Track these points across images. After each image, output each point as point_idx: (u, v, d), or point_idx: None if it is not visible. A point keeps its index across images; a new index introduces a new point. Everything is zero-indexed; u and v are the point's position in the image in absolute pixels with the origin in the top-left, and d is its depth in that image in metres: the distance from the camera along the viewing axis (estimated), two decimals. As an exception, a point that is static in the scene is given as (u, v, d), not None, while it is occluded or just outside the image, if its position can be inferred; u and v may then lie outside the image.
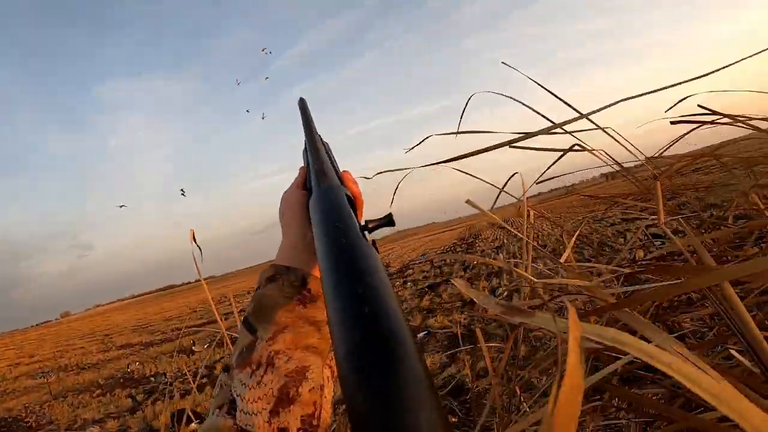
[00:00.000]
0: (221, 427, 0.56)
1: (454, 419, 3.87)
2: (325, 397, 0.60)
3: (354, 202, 0.60)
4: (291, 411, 0.56)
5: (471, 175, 1.58)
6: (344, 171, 0.77)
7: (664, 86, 1.09)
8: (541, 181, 1.74)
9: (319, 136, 0.85)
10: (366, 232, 0.56)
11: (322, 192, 0.59)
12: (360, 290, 0.36)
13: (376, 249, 0.49)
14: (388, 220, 0.59)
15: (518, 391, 4.56)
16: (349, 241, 0.43)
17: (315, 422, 0.57)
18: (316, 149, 0.75)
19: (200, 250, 1.38)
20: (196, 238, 1.39)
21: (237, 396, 0.57)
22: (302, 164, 0.84)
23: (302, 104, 0.94)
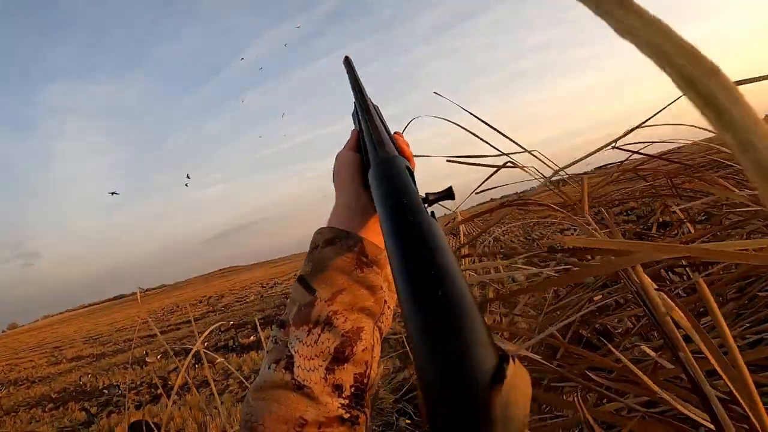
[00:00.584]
0: (278, 381, 0.58)
1: (408, 422, 4.04)
2: (374, 357, 0.63)
3: (412, 172, 0.59)
4: (345, 369, 0.59)
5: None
6: (396, 133, 0.76)
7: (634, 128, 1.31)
8: (481, 191, 1.95)
9: (369, 98, 0.82)
10: (426, 206, 0.52)
11: (382, 164, 0.57)
12: (432, 272, 0.36)
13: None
14: (448, 193, 0.58)
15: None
16: (416, 219, 0.43)
17: (365, 380, 0.60)
18: (369, 113, 0.73)
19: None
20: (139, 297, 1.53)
21: (294, 352, 0.59)
22: (353, 127, 0.82)
23: (348, 63, 0.89)
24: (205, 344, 10.65)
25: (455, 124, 1.74)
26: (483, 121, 1.73)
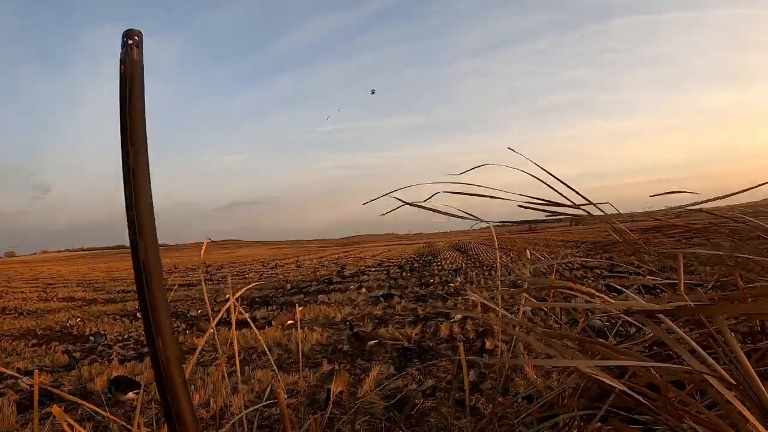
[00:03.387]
0: None
1: (398, 433, 3.90)
2: None
3: None
4: None
5: (455, 217, 1.64)
6: None
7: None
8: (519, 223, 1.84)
9: None
10: None
11: None
12: None
13: None
14: None
15: (463, 415, 4.58)
16: None
17: None
18: None
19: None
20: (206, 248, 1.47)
21: None
22: None
23: None
24: (198, 311, 10.56)
25: (531, 175, 1.63)
26: (552, 175, 1.61)
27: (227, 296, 15.45)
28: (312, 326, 9.84)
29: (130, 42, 1.20)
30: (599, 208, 1.57)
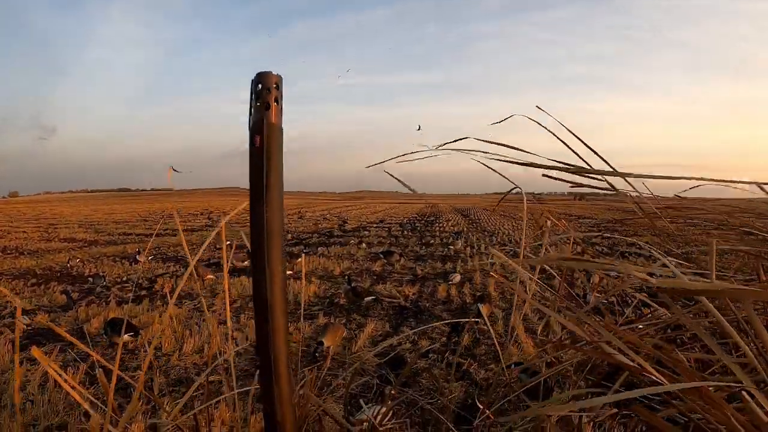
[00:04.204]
0: None
1: (393, 392, 3.90)
2: None
3: None
4: None
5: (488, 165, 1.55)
6: None
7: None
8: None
9: None
10: None
11: None
12: None
13: None
14: None
15: (455, 378, 4.57)
16: None
17: None
18: None
19: (190, 171, 1.33)
20: (174, 169, 1.37)
21: None
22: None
23: None
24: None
25: (556, 137, 1.51)
26: (580, 139, 1.49)
27: (228, 242, 15.55)
28: (310, 278, 9.88)
29: (266, 93, 0.90)
30: (628, 182, 1.47)
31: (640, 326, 1.49)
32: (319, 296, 8.42)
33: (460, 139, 1.53)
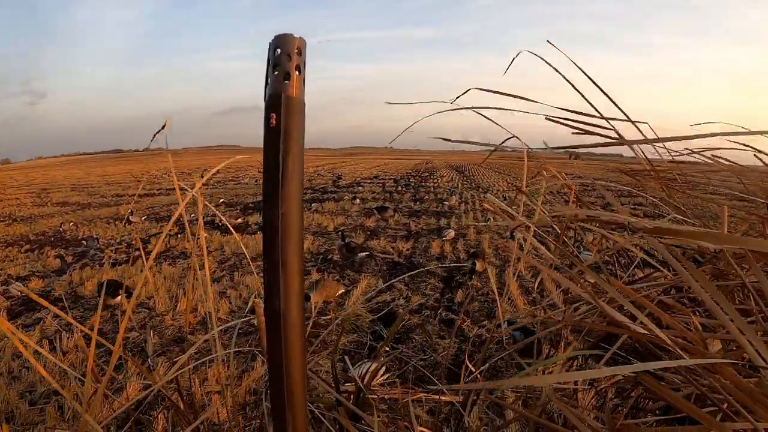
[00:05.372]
0: None
1: (387, 348, 3.93)
2: None
3: None
4: None
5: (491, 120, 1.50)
6: None
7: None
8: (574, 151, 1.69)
9: None
10: None
11: None
12: None
13: None
14: None
15: (447, 332, 4.59)
16: None
17: None
18: None
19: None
20: (167, 126, 1.28)
21: None
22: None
23: None
24: (191, 215, 10.55)
25: (566, 80, 1.43)
26: (594, 82, 1.41)
27: (221, 200, 15.46)
28: (304, 234, 9.87)
29: (286, 60, 0.73)
30: (640, 130, 1.40)
31: (641, 286, 1.45)
32: (312, 252, 8.43)
33: (466, 92, 1.46)
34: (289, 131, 0.75)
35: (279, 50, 0.74)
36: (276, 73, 0.74)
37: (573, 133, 1.41)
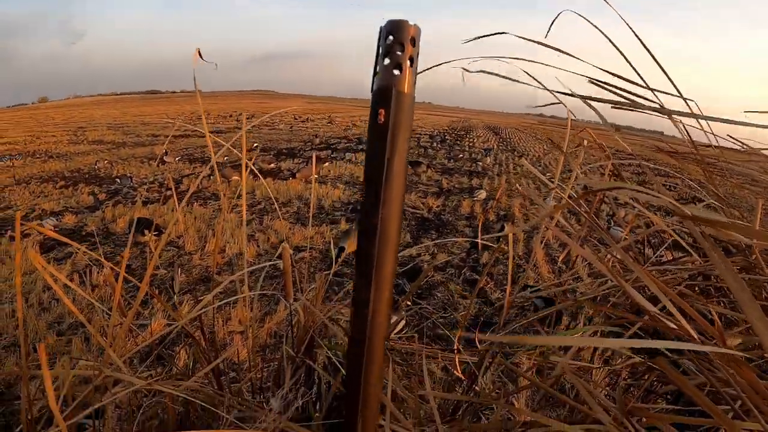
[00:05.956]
0: None
1: (408, 302, 3.91)
2: None
3: None
4: None
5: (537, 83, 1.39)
6: None
7: None
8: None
9: None
10: None
11: None
12: None
13: None
14: None
15: (470, 293, 4.53)
16: None
17: None
18: None
19: (215, 65, 1.20)
20: (201, 55, 1.22)
21: None
22: None
23: None
24: (225, 158, 10.61)
25: (611, 42, 1.30)
26: (646, 48, 1.29)
27: (254, 145, 15.49)
28: (336, 183, 9.89)
29: (398, 49, 0.64)
30: (689, 107, 1.29)
31: (669, 268, 1.37)
32: (343, 202, 8.45)
33: (497, 34, 1.35)
34: (396, 130, 0.65)
35: (391, 37, 0.64)
36: (387, 63, 0.65)
37: (612, 107, 1.30)
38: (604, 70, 1.24)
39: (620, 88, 1.24)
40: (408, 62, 0.64)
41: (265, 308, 4.09)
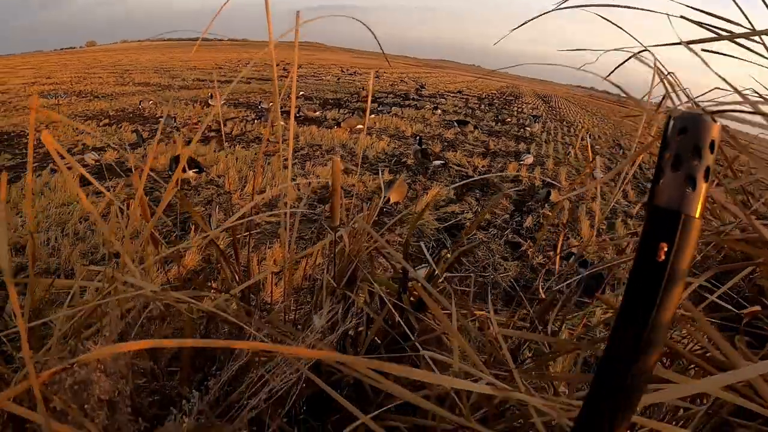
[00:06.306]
0: None
1: (448, 254, 3.76)
2: None
3: None
4: None
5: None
6: None
7: None
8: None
9: None
10: None
11: None
12: None
13: None
14: None
15: (510, 255, 4.34)
16: None
17: None
18: None
19: None
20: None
21: None
22: None
23: None
24: (270, 104, 10.58)
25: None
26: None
27: (300, 92, 15.50)
28: (381, 135, 9.76)
29: (693, 157, 0.41)
30: None
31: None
32: (387, 153, 8.34)
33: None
34: (676, 272, 0.38)
35: (686, 138, 0.41)
36: (676, 170, 0.38)
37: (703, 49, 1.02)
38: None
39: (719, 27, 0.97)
40: (703, 176, 0.41)
41: (301, 251, 4.00)
